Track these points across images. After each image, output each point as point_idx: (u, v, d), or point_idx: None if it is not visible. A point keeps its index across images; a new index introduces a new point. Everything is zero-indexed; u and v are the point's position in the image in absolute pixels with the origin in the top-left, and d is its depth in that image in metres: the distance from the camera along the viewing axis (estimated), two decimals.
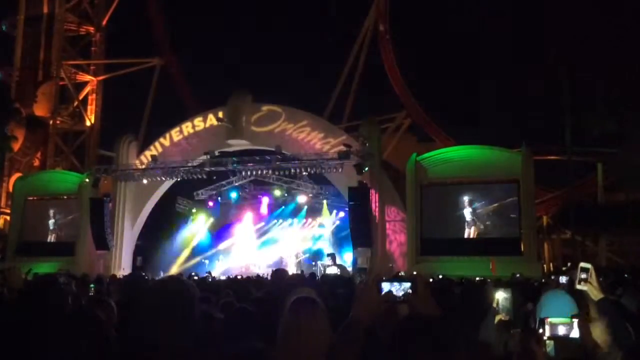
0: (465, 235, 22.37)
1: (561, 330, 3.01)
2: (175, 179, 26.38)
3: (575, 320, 3.02)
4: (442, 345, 2.04)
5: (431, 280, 12.36)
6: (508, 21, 31.63)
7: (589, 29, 26.78)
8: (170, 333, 2.49)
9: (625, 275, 13.34)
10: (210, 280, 15.37)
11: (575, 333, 2.98)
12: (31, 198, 28.54)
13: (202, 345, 2.68)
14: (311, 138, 25.30)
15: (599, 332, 3.27)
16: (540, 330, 3.04)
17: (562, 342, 3.00)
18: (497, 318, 3.47)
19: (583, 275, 3.40)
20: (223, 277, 19.57)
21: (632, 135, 23.20)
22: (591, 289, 3.37)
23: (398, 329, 2.15)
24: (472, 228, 22.28)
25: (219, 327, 3.85)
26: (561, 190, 27.95)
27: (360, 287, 3.16)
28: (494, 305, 3.44)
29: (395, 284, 2.54)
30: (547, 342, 3.00)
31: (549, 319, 3.01)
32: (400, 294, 2.52)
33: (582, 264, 3.46)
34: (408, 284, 2.53)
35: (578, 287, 3.44)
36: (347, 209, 23.85)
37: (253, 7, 40.17)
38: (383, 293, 2.53)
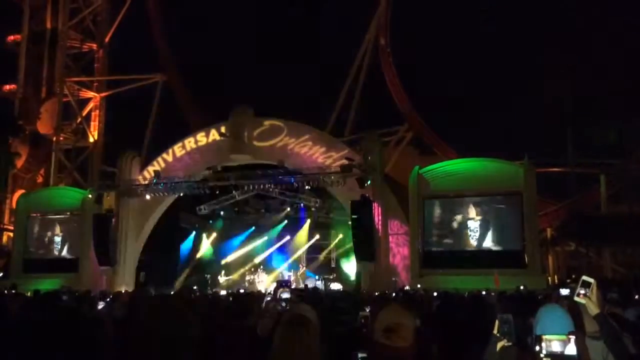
0: (469, 248, 22.29)
1: (558, 347, 2.97)
2: (178, 194, 26.39)
3: (573, 337, 2.99)
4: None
5: (435, 294, 12.32)
6: (510, 33, 31.76)
7: (590, 39, 26.88)
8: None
9: (631, 289, 13.27)
10: (211, 295, 15.34)
11: (572, 350, 2.94)
12: (34, 214, 28.51)
13: None
14: (313, 152, 25.32)
15: (594, 348, 3.23)
16: (537, 348, 3.00)
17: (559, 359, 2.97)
18: (500, 345, 3.44)
19: (582, 291, 3.38)
20: (225, 292, 19.50)
21: (633, 147, 23.19)
22: (589, 304, 3.34)
23: None
24: (475, 241, 22.18)
25: None
26: (564, 202, 27.87)
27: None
28: (495, 331, 3.41)
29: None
30: (544, 359, 2.97)
31: (545, 336, 2.97)
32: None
33: (585, 278, 3.43)
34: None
35: (576, 299, 3.43)
36: (350, 222, 23.78)
37: (255, 22, 40.40)
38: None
